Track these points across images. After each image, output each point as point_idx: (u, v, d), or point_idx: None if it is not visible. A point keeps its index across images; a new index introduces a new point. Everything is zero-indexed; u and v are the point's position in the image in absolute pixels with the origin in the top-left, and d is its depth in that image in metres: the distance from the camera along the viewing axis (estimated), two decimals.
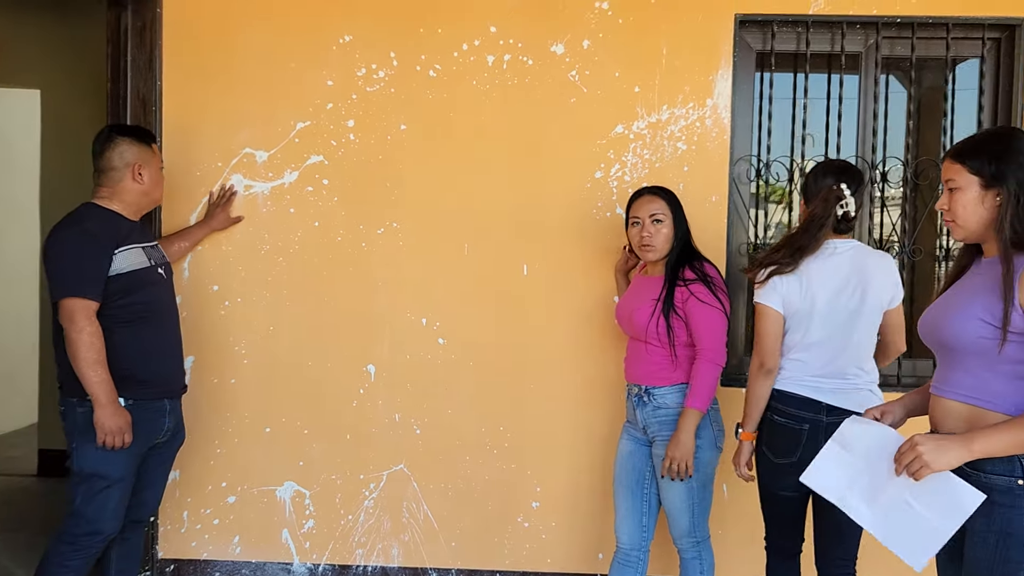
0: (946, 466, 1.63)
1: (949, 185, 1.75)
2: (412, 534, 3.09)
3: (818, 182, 2.41)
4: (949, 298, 1.78)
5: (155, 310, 2.52)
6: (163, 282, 2.60)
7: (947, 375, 1.76)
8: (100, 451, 2.38)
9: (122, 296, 2.42)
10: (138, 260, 2.48)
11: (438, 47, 3.01)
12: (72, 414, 2.41)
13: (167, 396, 2.58)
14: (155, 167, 2.59)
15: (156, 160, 2.60)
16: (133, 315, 2.45)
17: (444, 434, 3.07)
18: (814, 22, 3.01)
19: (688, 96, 3.00)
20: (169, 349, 2.61)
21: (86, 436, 2.39)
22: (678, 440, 2.42)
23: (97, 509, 2.42)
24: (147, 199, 2.58)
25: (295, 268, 3.06)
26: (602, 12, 2.99)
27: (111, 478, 2.41)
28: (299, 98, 3.03)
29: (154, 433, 2.54)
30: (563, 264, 3.03)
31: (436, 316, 3.05)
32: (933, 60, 3.14)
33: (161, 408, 2.55)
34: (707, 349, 2.44)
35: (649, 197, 2.59)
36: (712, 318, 2.45)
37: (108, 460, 2.40)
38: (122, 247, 2.44)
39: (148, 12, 3.00)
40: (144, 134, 2.61)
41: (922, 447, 1.63)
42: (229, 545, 3.10)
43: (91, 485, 2.41)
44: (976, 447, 1.61)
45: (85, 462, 2.40)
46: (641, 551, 2.62)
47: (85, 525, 2.42)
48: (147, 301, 2.49)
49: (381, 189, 3.04)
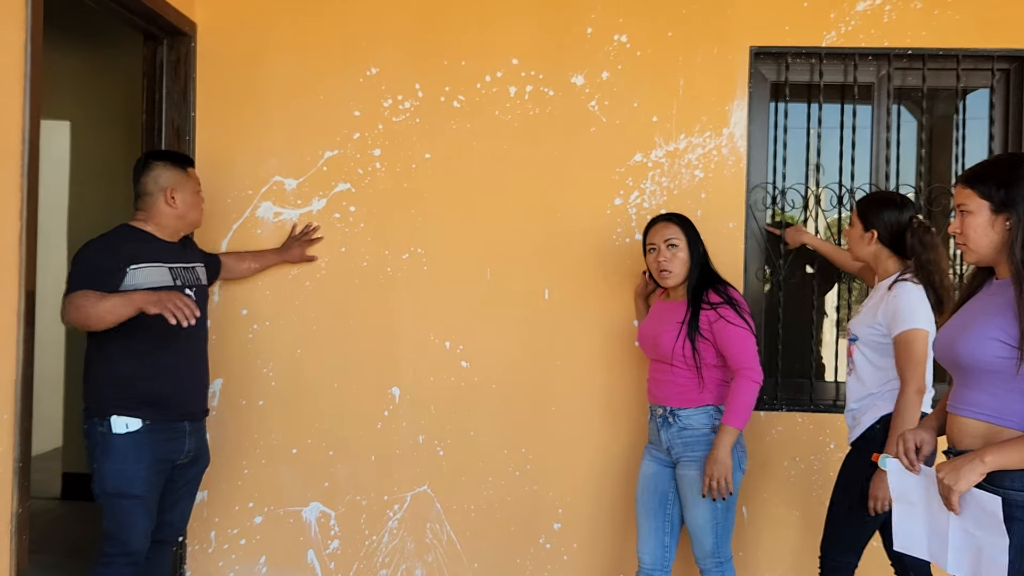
0: (968, 485, 1.68)
1: (961, 209, 1.81)
2: (436, 555, 3.13)
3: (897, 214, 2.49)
4: (964, 318, 1.82)
5: (173, 331, 2.46)
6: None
7: (964, 394, 1.79)
8: (121, 471, 2.42)
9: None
10: (159, 278, 2.51)
11: (462, 79, 3.11)
12: (94, 434, 2.46)
13: (187, 418, 2.61)
14: (190, 191, 2.63)
15: (191, 184, 2.64)
16: (148, 333, 2.46)
17: (467, 456, 3.12)
18: (827, 54, 3.10)
19: (705, 125, 3.08)
20: (188, 371, 2.63)
21: (107, 457, 2.43)
22: (716, 458, 2.44)
23: (124, 528, 2.46)
24: (183, 222, 2.63)
25: (322, 292, 3.14)
26: (621, 45, 3.09)
27: (133, 495, 2.44)
28: (327, 128, 3.13)
29: (174, 454, 2.58)
30: (584, 289, 3.10)
31: (459, 339, 3.12)
32: (944, 90, 3.22)
33: (180, 429, 2.58)
34: (745, 368, 2.48)
35: (663, 224, 2.66)
36: (744, 337, 2.51)
37: (131, 479, 2.44)
38: (140, 263, 2.47)
39: (183, 46, 3.11)
40: (179, 159, 2.67)
41: (941, 475, 1.70)
42: (256, 565, 3.15)
43: (114, 505, 2.45)
44: (988, 459, 1.67)
45: (106, 483, 2.44)
46: (664, 571, 2.65)
47: (117, 545, 2.46)
48: (163, 321, 2.43)
49: (406, 216, 3.13)
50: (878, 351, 2.46)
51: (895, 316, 2.39)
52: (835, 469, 3.00)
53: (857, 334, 2.52)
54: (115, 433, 2.43)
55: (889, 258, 2.52)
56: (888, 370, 2.44)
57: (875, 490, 2.38)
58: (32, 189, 2.25)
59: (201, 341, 2.73)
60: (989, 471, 1.67)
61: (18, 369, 2.23)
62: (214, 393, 3.14)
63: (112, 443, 2.43)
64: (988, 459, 1.67)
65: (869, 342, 2.48)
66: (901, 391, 2.37)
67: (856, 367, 2.51)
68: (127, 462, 2.44)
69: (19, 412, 2.23)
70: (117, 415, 2.44)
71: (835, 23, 3.07)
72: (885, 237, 2.51)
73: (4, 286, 2.20)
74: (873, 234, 2.52)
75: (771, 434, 3.07)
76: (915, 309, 2.37)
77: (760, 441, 3.03)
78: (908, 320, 2.36)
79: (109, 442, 2.43)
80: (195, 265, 2.72)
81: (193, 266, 2.70)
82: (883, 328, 2.43)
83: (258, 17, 3.14)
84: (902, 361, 2.37)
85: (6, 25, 2.19)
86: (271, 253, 3.09)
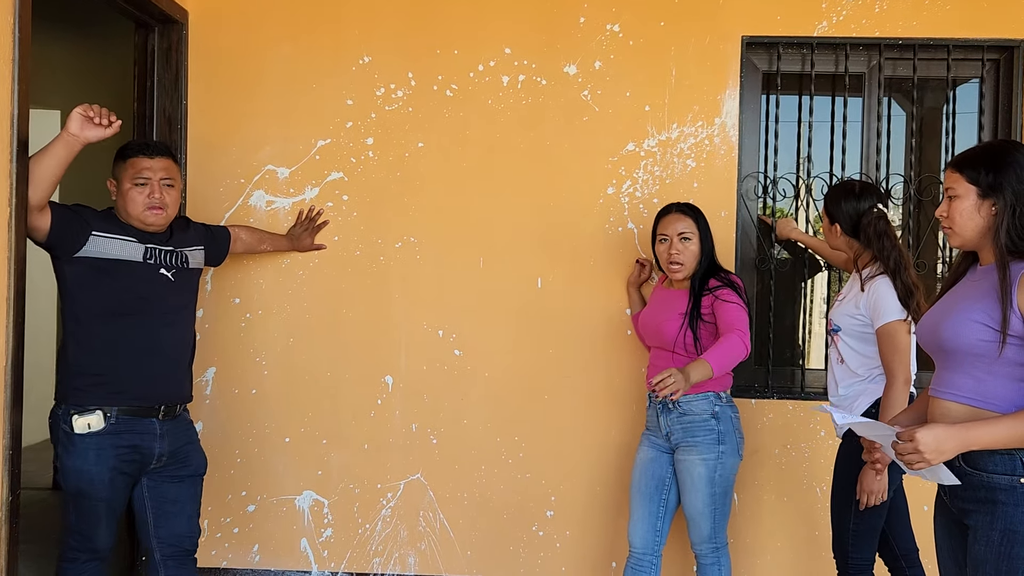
0: (941, 460, 1.66)
1: (948, 193, 1.83)
2: (429, 543, 3.14)
3: (854, 204, 2.49)
4: (948, 302, 1.83)
5: (135, 308, 2.40)
6: (161, 283, 2.47)
7: (946, 377, 1.80)
8: (82, 471, 2.33)
9: (92, 282, 2.36)
10: (122, 251, 2.39)
11: (454, 67, 3.11)
12: (57, 429, 2.37)
13: (155, 415, 2.43)
14: (126, 179, 2.43)
15: (129, 172, 2.43)
16: (107, 308, 2.37)
17: (460, 444, 3.13)
18: (819, 44, 3.11)
19: (697, 115, 3.09)
20: (157, 356, 2.45)
21: (68, 455, 2.34)
22: (683, 371, 2.32)
23: (88, 525, 2.38)
24: (125, 214, 2.45)
25: (315, 281, 3.14)
26: (613, 34, 3.09)
27: (95, 497, 2.36)
28: (320, 117, 3.13)
29: (145, 456, 2.42)
30: (576, 277, 3.11)
31: (452, 328, 3.13)
32: (934, 80, 3.24)
33: (149, 428, 2.42)
34: (738, 330, 2.45)
35: (677, 215, 2.67)
36: (740, 311, 2.52)
37: (91, 481, 2.34)
38: (105, 233, 2.38)
39: (174, 34, 3.10)
40: (126, 148, 2.50)
41: (923, 444, 1.65)
42: (249, 554, 3.15)
43: (77, 502, 2.37)
44: (972, 437, 1.65)
45: (69, 482, 2.36)
46: (654, 555, 2.67)
47: (82, 541, 2.40)
48: (125, 296, 2.39)
49: (399, 204, 3.13)
50: (863, 339, 2.47)
51: (875, 310, 2.40)
52: (826, 456, 3.03)
53: (839, 324, 2.51)
54: (76, 433, 2.33)
55: (863, 248, 2.50)
56: (874, 357, 2.46)
57: (868, 484, 2.37)
58: (21, 177, 2.23)
59: (178, 329, 2.54)
60: (970, 449, 1.67)
61: (7, 356, 2.22)
62: (207, 382, 3.14)
63: (73, 442, 2.34)
64: (972, 438, 1.65)
65: (853, 332, 2.48)
66: (888, 383, 2.38)
67: (843, 356, 2.52)
68: (88, 463, 2.34)
69: (9, 400, 2.22)
70: (78, 414, 2.34)
71: (827, 13, 3.08)
72: (848, 228, 2.51)
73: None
74: (836, 227, 2.53)
75: (762, 422, 3.09)
76: (893, 301, 2.38)
77: (751, 429, 3.05)
78: (887, 312, 2.37)
79: (71, 440, 2.34)
80: (184, 249, 2.57)
81: (181, 250, 2.55)
82: (866, 319, 2.44)
83: (250, 5, 3.13)
84: (887, 353, 2.38)
85: None
86: (283, 239, 3.06)
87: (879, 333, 2.39)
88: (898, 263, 2.38)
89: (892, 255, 2.40)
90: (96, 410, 2.35)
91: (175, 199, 2.52)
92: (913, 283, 2.37)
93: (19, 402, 2.26)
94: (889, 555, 2.58)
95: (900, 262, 2.39)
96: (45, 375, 4.78)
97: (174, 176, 2.52)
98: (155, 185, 2.45)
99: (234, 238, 2.89)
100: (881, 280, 2.40)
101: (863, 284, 2.44)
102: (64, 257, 2.38)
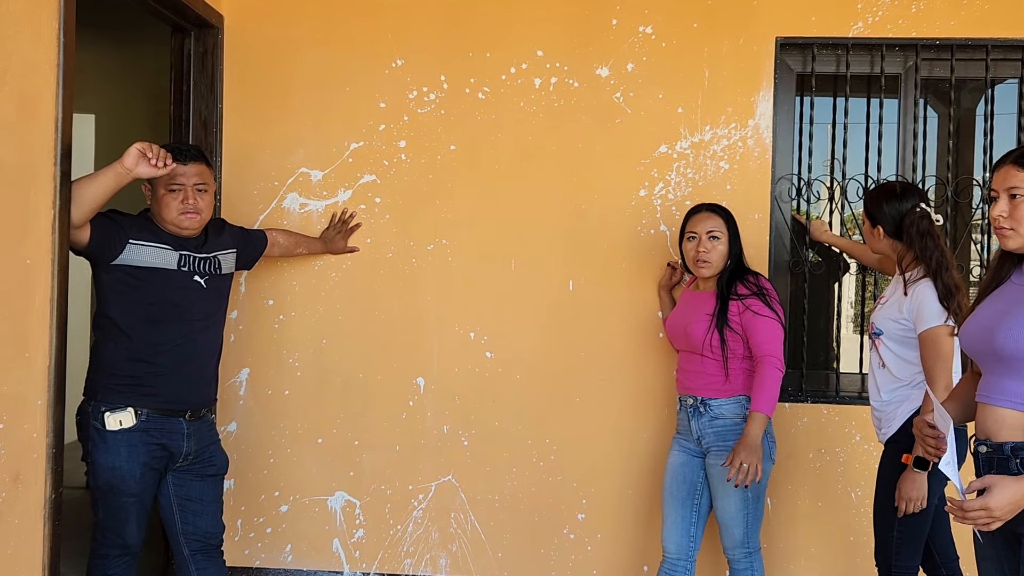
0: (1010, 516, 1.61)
1: (1012, 192, 1.72)
2: (460, 544, 3.15)
3: (896, 205, 2.46)
4: (999, 307, 1.77)
5: (169, 315, 2.44)
6: (194, 289, 2.51)
7: (999, 383, 1.74)
8: (114, 467, 2.37)
9: (128, 289, 2.40)
10: (158, 260, 2.43)
11: (487, 70, 3.12)
12: (87, 426, 2.41)
13: (182, 415, 2.48)
14: (161, 185, 2.45)
15: (164, 179, 2.44)
16: (142, 314, 2.41)
17: (491, 446, 3.13)
18: (854, 45, 3.08)
19: (730, 117, 3.07)
20: (187, 360, 2.50)
21: (99, 451, 2.39)
22: (747, 444, 2.41)
23: (118, 522, 2.42)
24: (163, 223, 2.49)
25: (347, 283, 3.16)
26: (646, 36, 3.09)
27: (126, 492, 2.40)
28: (353, 120, 3.15)
29: (172, 454, 2.47)
30: (608, 280, 3.10)
31: (484, 330, 3.13)
32: (972, 80, 3.20)
33: (177, 428, 2.47)
34: (769, 355, 2.47)
35: (707, 214, 2.66)
36: (771, 327, 2.51)
37: (123, 477, 2.38)
38: (142, 241, 2.42)
39: (210, 38, 3.13)
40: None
41: (997, 509, 1.59)
42: (281, 553, 3.18)
43: (107, 499, 2.41)
44: None
45: (100, 478, 2.40)
46: (688, 561, 2.66)
47: (112, 537, 2.44)
48: (160, 302, 2.43)
49: (431, 207, 3.14)
50: (905, 344, 2.44)
51: (918, 314, 2.37)
52: (861, 461, 3.01)
53: (881, 328, 2.48)
54: (108, 430, 2.38)
55: (906, 249, 2.47)
56: (917, 362, 2.42)
57: (907, 491, 2.33)
58: (65, 180, 2.27)
59: (209, 334, 2.59)
60: None
61: (51, 356, 2.26)
62: (241, 383, 3.17)
63: (105, 439, 2.38)
64: None
65: (895, 336, 2.45)
66: (930, 389, 2.34)
67: (885, 360, 2.49)
68: (120, 459, 2.38)
69: (52, 398, 2.26)
70: (110, 411, 2.38)
71: (862, 13, 3.05)
72: (891, 230, 2.48)
73: (38, 275, 2.22)
74: (879, 229, 2.50)
75: (796, 426, 3.07)
76: (935, 305, 2.34)
77: (786, 433, 3.03)
78: (930, 318, 2.34)
79: (102, 437, 2.38)
80: (217, 254, 2.60)
81: (214, 255, 2.59)
82: (909, 323, 2.41)
83: (285, 9, 3.16)
84: (929, 359, 2.34)
85: (40, 17, 2.21)
86: (317, 241, 3.09)
87: (921, 338, 2.36)
88: (940, 263, 2.35)
89: (935, 255, 2.36)
90: (128, 407, 2.40)
91: (208, 203, 2.55)
92: (955, 284, 2.33)
93: (61, 401, 2.29)
94: (930, 563, 2.55)
95: (943, 262, 2.35)
96: (81, 376, 4.86)
97: (207, 180, 2.54)
98: (189, 191, 2.48)
99: (271, 242, 2.93)
100: (924, 284, 2.37)
101: (906, 287, 2.40)
102: (102, 264, 2.43)
